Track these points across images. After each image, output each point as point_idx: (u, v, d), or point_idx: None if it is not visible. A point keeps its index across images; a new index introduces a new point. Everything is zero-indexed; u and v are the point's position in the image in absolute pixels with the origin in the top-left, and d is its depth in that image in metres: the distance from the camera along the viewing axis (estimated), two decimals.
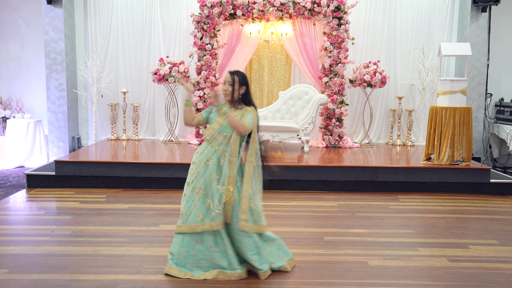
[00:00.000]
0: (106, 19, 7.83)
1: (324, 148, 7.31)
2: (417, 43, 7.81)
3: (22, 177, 6.40)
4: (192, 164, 3.42)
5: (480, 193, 5.81)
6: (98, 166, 5.77)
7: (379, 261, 3.57)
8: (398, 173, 5.83)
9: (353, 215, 4.78)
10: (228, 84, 3.35)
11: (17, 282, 3.12)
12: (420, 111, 7.89)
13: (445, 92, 5.97)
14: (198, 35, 7.18)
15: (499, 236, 4.23)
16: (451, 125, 5.89)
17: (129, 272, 3.30)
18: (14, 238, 3.99)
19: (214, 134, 3.34)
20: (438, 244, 3.97)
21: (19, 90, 8.02)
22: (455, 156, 5.93)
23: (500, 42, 7.98)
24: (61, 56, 7.42)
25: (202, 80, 7.24)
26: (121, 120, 7.92)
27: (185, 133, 7.95)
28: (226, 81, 3.36)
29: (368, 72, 7.22)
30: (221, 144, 3.32)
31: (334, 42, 7.17)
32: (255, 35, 7.32)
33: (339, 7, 7.06)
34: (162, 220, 4.50)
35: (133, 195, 5.42)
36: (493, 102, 8.05)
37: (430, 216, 4.84)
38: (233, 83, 3.34)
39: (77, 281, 3.15)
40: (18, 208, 5.02)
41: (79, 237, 4.00)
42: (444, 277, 3.31)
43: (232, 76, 3.35)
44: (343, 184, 5.81)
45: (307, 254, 3.69)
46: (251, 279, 3.23)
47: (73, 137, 7.76)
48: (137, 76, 7.95)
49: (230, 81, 3.34)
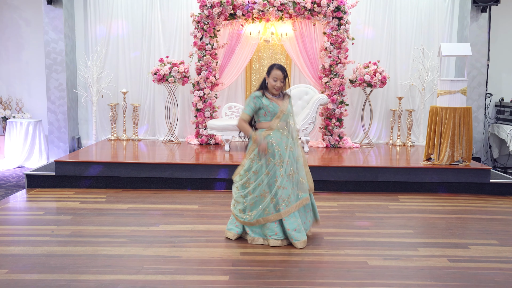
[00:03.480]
0: (106, 19, 7.83)
1: (324, 148, 7.31)
2: (417, 43, 7.81)
3: (22, 177, 6.40)
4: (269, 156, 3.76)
5: (480, 193, 5.80)
6: (98, 166, 5.77)
7: (379, 261, 3.57)
8: (398, 173, 5.83)
9: (353, 215, 4.78)
10: (280, 81, 3.70)
11: (17, 282, 3.12)
12: (420, 111, 7.89)
13: (445, 92, 5.97)
14: (198, 35, 7.18)
15: (499, 236, 4.23)
16: (451, 125, 5.89)
17: (129, 272, 3.30)
18: (14, 238, 3.98)
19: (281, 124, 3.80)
20: (438, 244, 3.97)
21: (19, 90, 8.02)
22: (455, 156, 5.93)
23: (500, 42, 7.98)
24: (61, 56, 7.43)
25: (202, 80, 7.24)
26: (121, 120, 7.92)
27: (185, 133, 7.95)
28: (278, 78, 3.69)
29: (368, 72, 7.22)
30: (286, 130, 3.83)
31: (334, 42, 7.17)
32: (255, 35, 7.32)
33: (339, 7, 7.06)
34: (162, 220, 4.50)
35: (133, 195, 5.42)
36: (493, 102, 8.05)
37: (430, 216, 4.83)
38: (285, 80, 3.74)
39: (77, 281, 3.15)
40: (18, 208, 5.02)
41: (79, 237, 4.00)
42: (444, 277, 3.31)
43: (283, 73, 3.72)
44: (343, 184, 5.81)
45: (307, 254, 3.69)
46: (250, 279, 3.23)
47: (73, 137, 7.76)
48: (137, 76, 7.95)
49: (282, 78, 3.70)
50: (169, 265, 3.42)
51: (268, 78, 3.73)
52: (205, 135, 7.36)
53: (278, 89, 3.72)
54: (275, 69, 3.70)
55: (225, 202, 5.15)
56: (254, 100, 3.74)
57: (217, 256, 3.62)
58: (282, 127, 3.80)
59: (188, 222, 4.46)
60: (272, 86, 3.70)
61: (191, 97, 7.70)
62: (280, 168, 3.72)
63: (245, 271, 3.36)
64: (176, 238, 3.99)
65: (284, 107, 3.76)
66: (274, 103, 3.75)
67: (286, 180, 3.73)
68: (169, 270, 3.33)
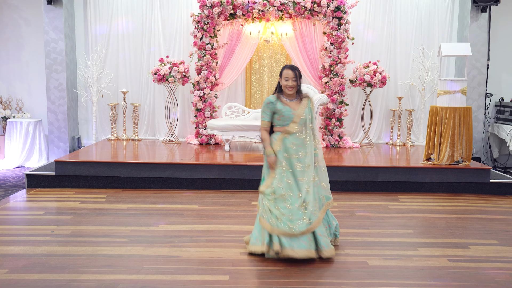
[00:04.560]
0: (106, 19, 7.83)
1: (324, 148, 7.31)
2: (417, 43, 7.81)
3: (22, 177, 6.40)
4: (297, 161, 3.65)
5: (480, 193, 5.80)
6: (98, 166, 5.77)
7: (379, 261, 3.57)
8: (398, 173, 5.83)
9: (353, 215, 4.78)
10: (292, 80, 3.61)
11: (17, 282, 3.12)
12: (420, 111, 7.89)
13: (445, 92, 5.97)
14: (198, 35, 7.18)
15: (499, 236, 4.23)
16: (451, 125, 5.89)
17: (129, 272, 3.30)
18: (14, 238, 3.99)
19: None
20: (438, 244, 3.97)
21: (19, 90, 8.02)
22: (455, 156, 5.93)
23: (500, 42, 7.98)
24: (61, 56, 7.42)
25: (202, 80, 7.24)
26: (121, 120, 7.92)
27: (185, 133, 7.95)
28: (290, 77, 3.61)
29: (368, 72, 7.22)
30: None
31: (334, 42, 7.17)
32: (255, 35, 7.32)
33: (339, 7, 7.06)
34: (162, 220, 4.50)
35: (133, 195, 5.42)
36: (493, 102, 8.05)
37: (430, 216, 4.83)
38: (297, 78, 3.63)
39: (77, 281, 3.15)
40: (18, 208, 5.02)
41: (79, 237, 4.00)
42: (444, 277, 3.31)
43: (294, 72, 3.62)
44: (343, 184, 5.81)
45: None
46: (250, 279, 3.23)
47: (73, 137, 7.76)
48: (137, 76, 7.95)
49: (293, 77, 3.61)
50: (169, 265, 3.42)
51: (281, 80, 3.68)
52: (205, 135, 7.36)
53: (290, 88, 3.63)
54: (286, 69, 3.66)
55: (225, 202, 5.15)
56: (268, 105, 3.67)
57: (217, 256, 3.61)
58: (300, 131, 3.65)
59: (188, 222, 4.46)
60: (285, 86, 3.65)
61: (191, 97, 7.70)
62: (301, 176, 3.62)
63: (245, 271, 3.36)
64: (176, 238, 3.99)
65: (301, 111, 3.63)
66: (288, 107, 3.65)
67: (313, 185, 3.65)
68: (169, 270, 3.33)
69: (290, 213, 3.50)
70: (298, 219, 3.49)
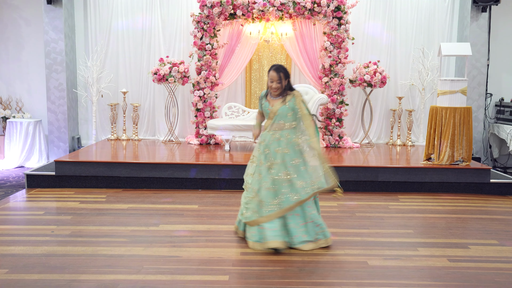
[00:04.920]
0: (106, 19, 7.83)
1: (324, 148, 7.31)
2: (417, 43, 7.81)
3: (22, 177, 6.40)
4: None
5: (480, 193, 5.80)
6: (98, 166, 5.77)
7: (379, 261, 3.57)
8: (398, 173, 5.83)
9: (353, 215, 4.78)
10: (276, 82, 3.66)
11: (17, 282, 3.12)
12: (420, 111, 7.89)
13: (445, 92, 5.97)
14: (198, 35, 7.18)
15: (499, 236, 4.23)
16: (451, 125, 5.89)
17: (129, 272, 3.30)
18: (14, 238, 3.98)
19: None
20: (438, 244, 3.97)
21: (19, 90, 8.02)
22: (455, 156, 5.93)
23: (500, 42, 7.98)
24: (61, 56, 7.42)
25: (202, 80, 7.24)
26: (121, 120, 7.92)
27: (185, 133, 7.95)
28: (274, 80, 3.67)
29: (368, 72, 7.22)
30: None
31: (334, 42, 7.17)
32: (255, 35, 7.32)
33: (339, 7, 7.06)
34: (162, 220, 4.50)
35: (133, 195, 5.42)
36: (493, 102, 8.05)
37: (430, 216, 4.83)
38: (281, 80, 3.68)
39: (77, 281, 3.15)
40: (18, 208, 5.02)
41: (79, 237, 4.00)
42: (444, 277, 3.31)
43: (278, 74, 3.66)
44: (343, 184, 5.74)
45: (307, 254, 3.68)
46: (250, 279, 3.23)
47: (73, 137, 7.76)
48: (137, 76, 7.95)
49: (278, 79, 3.66)
50: (169, 265, 3.42)
51: (268, 80, 3.77)
52: (205, 135, 7.36)
53: (274, 90, 3.72)
54: (271, 70, 3.73)
55: (225, 202, 5.15)
56: (259, 99, 3.89)
57: (217, 256, 3.61)
58: (277, 128, 3.75)
59: (188, 222, 4.46)
60: (270, 87, 3.75)
61: (191, 97, 7.70)
62: (270, 170, 3.72)
63: (245, 271, 3.37)
64: (176, 238, 3.99)
65: (275, 108, 3.71)
66: (267, 103, 3.79)
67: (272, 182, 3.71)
68: (169, 270, 3.33)
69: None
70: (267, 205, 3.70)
